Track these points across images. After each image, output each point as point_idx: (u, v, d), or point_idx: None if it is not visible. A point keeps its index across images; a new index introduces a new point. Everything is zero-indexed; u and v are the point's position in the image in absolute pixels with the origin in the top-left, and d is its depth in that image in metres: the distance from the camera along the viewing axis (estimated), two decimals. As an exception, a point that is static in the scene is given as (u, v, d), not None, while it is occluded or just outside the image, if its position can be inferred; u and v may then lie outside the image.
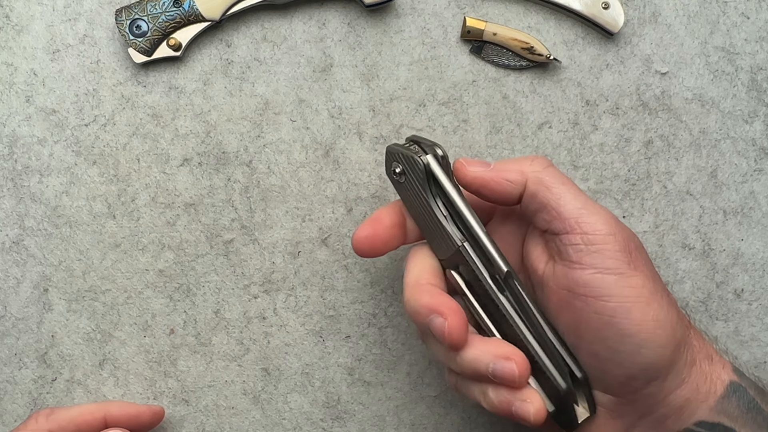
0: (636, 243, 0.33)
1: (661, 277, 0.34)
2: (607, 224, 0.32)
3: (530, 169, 0.34)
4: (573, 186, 0.34)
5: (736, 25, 0.45)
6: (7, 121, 0.43)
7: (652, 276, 0.33)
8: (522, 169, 0.34)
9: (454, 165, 0.36)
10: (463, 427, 0.45)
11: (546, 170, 0.34)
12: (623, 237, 0.32)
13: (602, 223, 0.32)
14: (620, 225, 0.33)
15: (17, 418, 0.44)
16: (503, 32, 0.43)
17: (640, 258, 0.33)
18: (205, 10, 0.42)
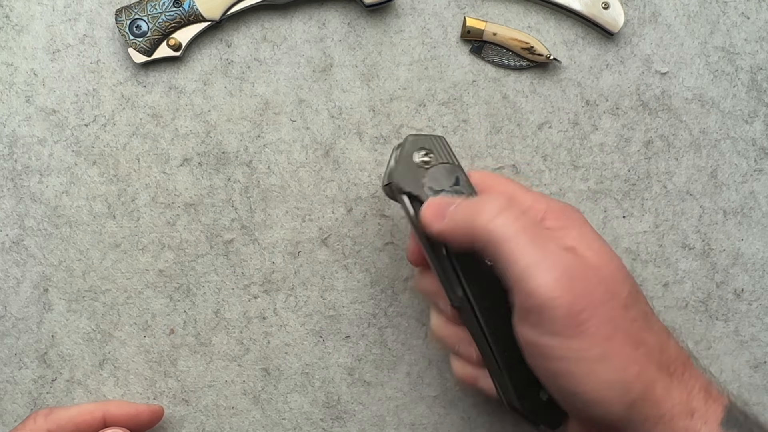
0: (591, 302, 0.30)
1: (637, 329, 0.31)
2: (551, 285, 0.30)
3: (479, 222, 0.31)
4: (527, 234, 0.31)
5: (736, 25, 0.45)
6: (7, 121, 0.43)
7: (606, 336, 0.30)
8: (471, 224, 0.32)
9: (422, 212, 0.35)
10: (463, 427, 0.45)
11: (499, 218, 0.31)
12: (570, 299, 0.30)
13: (545, 284, 0.30)
14: (572, 283, 0.30)
15: (17, 418, 0.44)
16: (503, 32, 0.43)
17: (593, 318, 0.30)
18: (205, 10, 0.42)
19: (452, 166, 0.36)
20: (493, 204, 0.32)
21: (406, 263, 0.44)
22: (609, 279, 0.31)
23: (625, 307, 0.31)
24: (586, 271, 0.31)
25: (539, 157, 0.44)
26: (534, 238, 0.31)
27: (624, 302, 0.31)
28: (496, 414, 0.45)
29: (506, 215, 0.31)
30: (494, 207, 0.32)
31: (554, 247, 0.31)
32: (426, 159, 0.36)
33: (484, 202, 0.32)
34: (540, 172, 0.44)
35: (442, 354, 0.45)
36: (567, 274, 0.30)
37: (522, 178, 0.44)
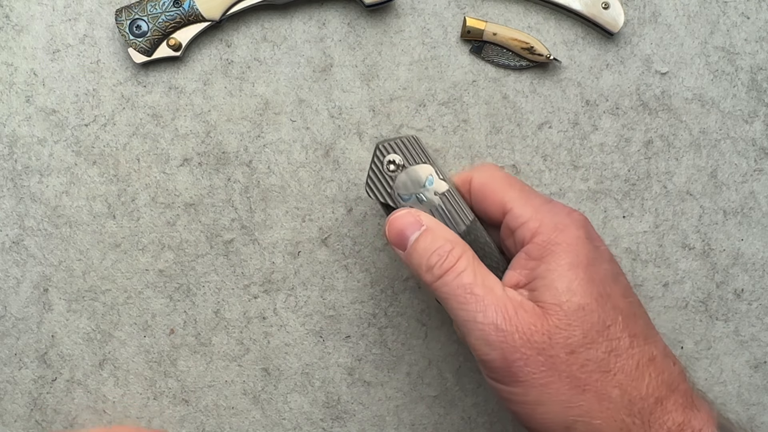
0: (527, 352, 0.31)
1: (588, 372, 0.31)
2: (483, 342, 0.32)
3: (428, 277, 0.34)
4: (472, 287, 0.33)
5: (736, 25, 0.45)
6: (7, 121, 0.43)
7: (543, 383, 0.31)
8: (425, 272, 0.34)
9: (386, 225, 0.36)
10: (463, 427, 0.45)
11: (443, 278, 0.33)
12: (501, 353, 0.31)
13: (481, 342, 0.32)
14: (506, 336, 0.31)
15: (17, 418, 0.44)
16: (503, 32, 0.43)
17: (527, 366, 0.31)
18: (205, 10, 0.42)
19: (422, 167, 0.36)
20: (440, 250, 0.34)
21: (406, 263, 0.44)
22: (553, 325, 0.31)
23: (571, 353, 0.31)
24: (523, 322, 0.32)
25: (539, 157, 0.44)
26: (473, 293, 0.32)
27: (570, 347, 0.31)
28: (496, 414, 0.45)
29: (454, 272, 0.33)
30: (443, 262, 0.33)
31: (499, 296, 0.32)
32: (393, 166, 0.36)
33: (429, 251, 0.34)
34: (540, 172, 0.44)
35: (442, 354, 0.45)
36: (498, 331, 0.31)
37: (522, 178, 0.44)
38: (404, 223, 0.35)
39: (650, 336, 0.33)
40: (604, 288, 0.33)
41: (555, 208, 0.35)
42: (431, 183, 0.36)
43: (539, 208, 0.35)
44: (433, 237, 0.34)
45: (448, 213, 0.36)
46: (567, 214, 0.35)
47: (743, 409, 0.45)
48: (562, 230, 0.34)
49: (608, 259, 0.35)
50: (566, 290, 0.32)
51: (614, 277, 0.34)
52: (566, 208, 0.35)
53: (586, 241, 0.34)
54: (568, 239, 0.33)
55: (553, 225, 0.34)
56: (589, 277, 0.33)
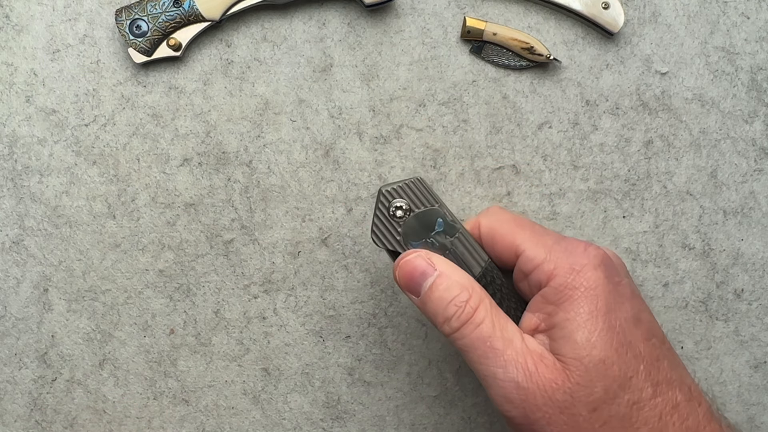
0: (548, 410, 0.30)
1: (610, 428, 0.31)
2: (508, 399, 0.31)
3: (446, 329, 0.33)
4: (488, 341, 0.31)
5: (736, 25, 0.45)
6: (7, 121, 0.43)
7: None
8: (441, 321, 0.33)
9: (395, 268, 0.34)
10: (463, 427, 0.45)
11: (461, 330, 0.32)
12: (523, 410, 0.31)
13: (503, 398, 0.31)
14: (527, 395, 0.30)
15: (17, 418, 0.44)
16: (503, 32, 0.43)
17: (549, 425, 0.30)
18: (205, 10, 0.42)
19: (431, 210, 0.34)
20: (456, 303, 0.32)
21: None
22: (575, 382, 0.30)
23: (594, 410, 0.30)
24: (544, 379, 0.31)
25: (539, 157, 0.44)
26: (492, 347, 0.31)
27: (593, 404, 0.30)
28: (496, 414, 0.45)
29: (470, 325, 0.32)
30: (461, 315, 0.32)
31: (519, 350, 0.31)
32: (400, 212, 0.34)
33: (445, 301, 0.32)
34: (540, 172, 0.44)
35: (442, 354, 0.45)
36: (519, 389, 0.30)
37: (522, 178, 0.44)
38: (416, 267, 0.33)
39: (674, 379, 0.32)
40: (625, 336, 0.31)
41: (570, 246, 0.33)
42: (441, 226, 0.34)
43: (553, 248, 0.33)
44: (448, 284, 0.33)
45: (462, 256, 0.34)
46: (582, 251, 0.33)
47: (743, 409, 0.45)
48: (578, 271, 0.32)
49: (629, 296, 0.33)
50: (586, 343, 0.31)
51: (636, 318, 0.32)
52: (581, 243, 0.33)
53: (605, 282, 0.32)
54: (586, 282, 0.32)
55: (569, 266, 0.32)
56: (609, 326, 0.31)
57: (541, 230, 0.35)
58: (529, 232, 0.35)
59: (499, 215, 0.36)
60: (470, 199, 0.44)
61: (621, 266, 0.35)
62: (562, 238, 0.34)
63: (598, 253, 0.33)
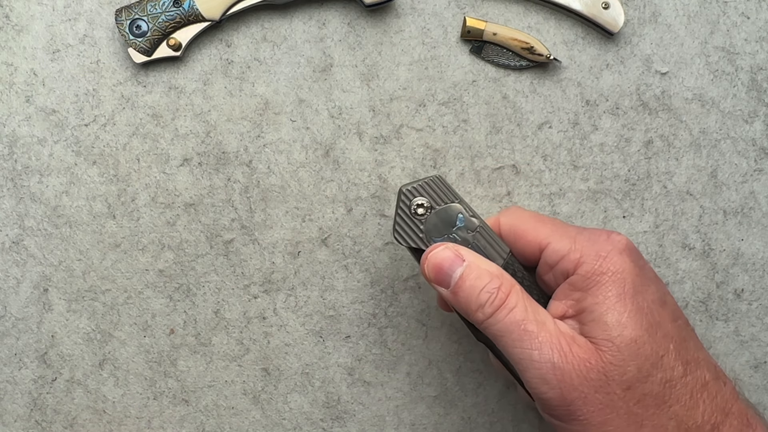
0: (584, 390, 0.31)
1: (645, 407, 0.31)
2: (541, 381, 0.31)
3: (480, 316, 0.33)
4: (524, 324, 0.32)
5: (736, 25, 0.45)
6: (7, 121, 0.43)
7: (601, 420, 0.31)
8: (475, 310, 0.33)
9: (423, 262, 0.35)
10: (463, 427, 0.45)
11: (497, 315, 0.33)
12: (559, 392, 0.31)
13: (538, 380, 0.31)
14: (563, 374, 0.31)
15: (17, 418, 0.44)
16: (503, 32, 0.43)
17: (586, 405, 0.31)
18: (205, 10, 0.42)
19: (451, 206, 0.35)
20: (490, 292, 0.33)
21: (406, 263, 0.44)
22: (607, 362, 0.31)
23: (628, 389, 0.31)
24: (578, 359, 0.31)
25: (539, 157, 0.44)
26: (526, 330, 0.32)
27: (626, 383, 0.31)
28: (496, 414, 0.45)
29: (504, 309, 0.32)
30: (494, 300, 0.32)
31: (553, 332, 0.32)
32: (422, 210, 0.35)
33: (477, 289, 0.33)
34: (540, 172, 0.44)
35: (442, 354, 0.45)
36: (556, 369, 0.31)
37: (522, 178, 0.44)
38: (444, 259, 0.34)
39: (701, 359, 0.33)
40: (653, 316, 0.32)
41: (593, 236, 0.34)
42: (462, 222, 0.35)
43: (576, 238, 0.34)
44: (478, 273, 0.33)
45: (484, 249, 0.35)
46: (606, 239, 0.34)
47: (743, 409, 0.45)
48: (605, 257, 0.33)
49: (654, 279, 0.34)
50: (617, 324, 0.31)
51: (662, 300, 0.33)
52: (604, 232, 0.34)
53: (631, 265, 0.33)
54: (613, 267, 0.32)
55: (595, 253, 0.33)
56: (638, 307, 0.32)
57: (561, 224, 0.36)
58: (550, 226, 0.35)
59: (519, 213, 0.37)
60: (470, 199, 0.44)
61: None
62: (584, 228, 0.35)
63: (622, 239, 0.34)
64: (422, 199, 0.35)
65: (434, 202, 0.35)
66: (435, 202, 0.35)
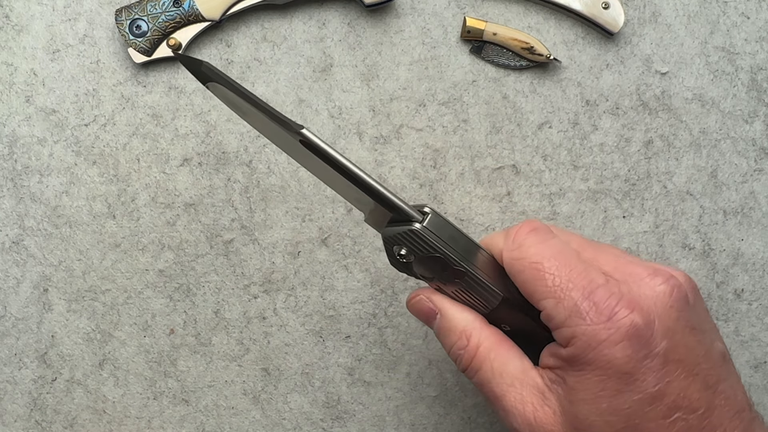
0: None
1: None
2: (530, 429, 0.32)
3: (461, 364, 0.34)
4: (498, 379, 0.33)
5: (736, 25, 0.45)
6: (7, 121, 0.43)
7: None
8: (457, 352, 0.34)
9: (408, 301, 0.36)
10: (463, 427, 0.45)
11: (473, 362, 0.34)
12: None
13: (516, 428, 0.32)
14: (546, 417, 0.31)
15: (17, 418, 0.44)
16: (503, 32, 0.43)
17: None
18: (205, 10, 0.42)
19: (433, 257, 0.32)
20: (473, 336, 0.33)
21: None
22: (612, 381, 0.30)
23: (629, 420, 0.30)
24: (541, 427, 0.31)
25: (539, 157, 0.44)
26: (492, 392, 0.33)
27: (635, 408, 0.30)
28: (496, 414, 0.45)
29: (469, 371, 0.34)
30: (454, 357, 0.34)
31: (512, 402, 0.32)
32: (404, 253, 0.33)
33: (448, 346, 0.34)
34: (540, 172, 0.44)
35: (442, 354, 0.45)
36: (538, 417, 0.31)
37: (522, 178, 0.44)
38: (420, 310, 0.35)
39: None
40: (630, 419, 0.30)
41: (597, 308, 0.30)
42: (446, 268, 0.33)
43: (573, 310, 0.30)
44: (449, 327, 0.34)
45: (474, 294, 0.33)
46: (608, 318, 0.29)
47: (743, 409, 0.45)
48: (595, 348, 0.29)
49: (658, 367, 0.30)
50: (584, 420, 0.30)
51: (654, 396, 0.30)
52: (618, 301, 0.30)
53: (628, 357, 0.29)
54: (600, 360, 0.29)
55: (586, 342, 0.30)
56: (614, 409, 0.30)
57: (577, 270, 0.31)
58: (551, 281, 0.31)
59: (526, 249, 0.32)
60: (470, 199, 0.44)
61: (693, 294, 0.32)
62: (592, 289, 0.30)
63: (633, 322, 0.29)
64: (403, 249, 0.33)
65: (414, 253, 0.32)
66: (415, 253, 0.32)
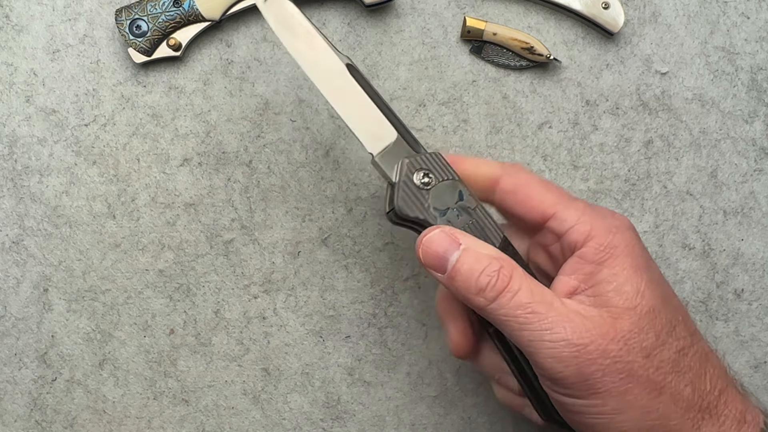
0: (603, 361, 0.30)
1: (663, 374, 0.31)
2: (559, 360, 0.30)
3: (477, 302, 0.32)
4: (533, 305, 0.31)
5: (736, 25, 0.45)
6: (7, 121, 0.43)
7: (622, 390, 0.30)
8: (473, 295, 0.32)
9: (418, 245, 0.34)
10: (463, 427, 0.45)
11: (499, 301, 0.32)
12: (576, 368, 0.30)
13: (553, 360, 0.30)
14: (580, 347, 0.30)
15: (17, 418, 0.44)
16: (503, 32, 0.43)
17: (606, 375, 0.30)
18: (205, 10, 0.42)
19: (453, 182, 0.34)
20: (491, 266, 0.32)
21: (406, 263, 0.44)
22: (627, 330, 0.31)
23: (647, 356, 0.31)
24: (595, 333, 0.31)
25: (539, 157, 0.44)
26: (534, 312, 0.31)
27: (646, 350, 0.31)
28: (496, 414, 0.45)
29: (506, 293, 0.31)
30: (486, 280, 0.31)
31: (561, 311, 0.31)
32: (426, 180, 0.34)
33: (481, 267, 0.32)
34: (540, 172, 0.44)
35: (442, 354, 0.45)
36: (571, 346, 0.30)
37: (522, 178, 0.44)
38: (439, 243, 0.33)
39: (699, 332, 0.34)
40: (664, 289, 0.33)
41: (601, 211, 0.34)
42: (463, 198, 0.34)
43: (585, 210, 0.34)
44: (476, 256, 0.32)
45: (482, 230, 0.34)
46: (612, 215, 0.34)
47: (743, 409, 0.45)
48: (616, 233, 0.33)
49: (652, 258, 0.35)
50: (636, 294, 0.31)
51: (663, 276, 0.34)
52: (608, 210, 0.35)
53: (638, 241, 0.33)
54: (624, 241, 0.33)
55: (606, 227, 0.33)
56: (651, 278, 0.32)
57: (566, 193, 0.35)
58: (556, 194, 0.35)
59: (523, 174, 0.36)
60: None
61: None
62: (589, 204, 0.35)
63: (625, 219, 0.34)
64: (425, 172, 0.34)
65: (436, 177, 0.34)
66: (436, 177, 0.34)
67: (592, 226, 0.33)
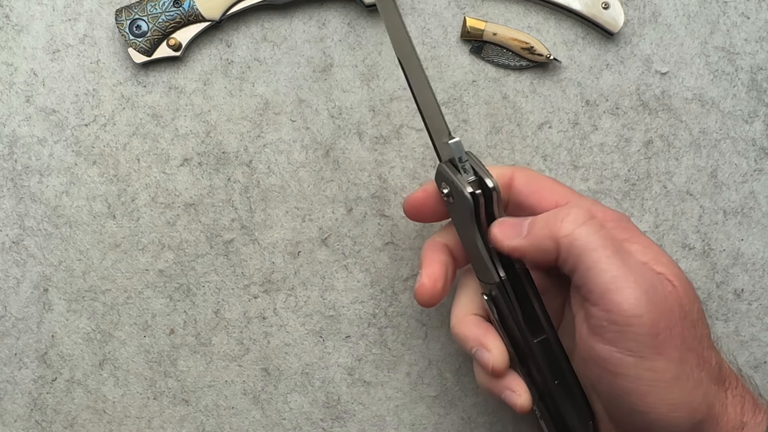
0: (670, 321, 0.30)
1: (703, 347, 0.31)
2: (637, 302, 0.29)
3: (563, 231, 0.31)
4: (610, 247, 0.31)
5: (736, 25, 0.45)
6: (7, 121, 0.43)
7: (680, 357, 0.30)
8: (554, 234, 0.32)
9: (491, 232, 0.34)
10: (463, 427, 0.45)
11: (582, 228, 0.31)
12: (652, 317, 0.29)
13: (631, 300, 0.29)
14: (655, 301, 0.30)
15: (17, 418, 0.44)
16: (503, 32, 0.43)
17: (670, 338, 0.30)
18: (205, 10, 0.42)
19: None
20: (575, 215, 0.32)
21: (406, 263, 0.44)
22: (683, 296, 0.31)
23: (694, 326, 0.31)
24: (664, 288, 0.31)
25: (539, 157, 0.44)
26: (616, 252, 0.31)
27: (693, 320, 0.31)
28: (496, 414, 0.45)
29: (589, 226, 0.31)
30: (577, 217, 0.32)
31: (635, 262, 0.31)
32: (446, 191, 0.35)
33: (564, 214, 0.32)
34: (540, 172, 0.44)
35: (442, 354, 0.45)
36: (650, 292, 0.30)
37: (522, 178, 0.44)
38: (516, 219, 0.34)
39: None
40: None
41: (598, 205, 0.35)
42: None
43: (594, 203, 0.35)
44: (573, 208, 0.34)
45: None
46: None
47: (743, 409, 0.45)
48: (623, 219, 0.34)
49: None
50: (674, 265, 0.32)
51: None
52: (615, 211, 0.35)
53: None
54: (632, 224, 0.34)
55: (616, 217, 0.34)
56: None
57: (574, 191, 0.37)
58: (567, 188, 0.36)
59: (533, 172, 0.37)
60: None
61: None
62: (596, 201, 0.36)
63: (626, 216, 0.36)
64: (448, 188, 0.35)
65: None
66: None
67: (604, 215, 0.34)
